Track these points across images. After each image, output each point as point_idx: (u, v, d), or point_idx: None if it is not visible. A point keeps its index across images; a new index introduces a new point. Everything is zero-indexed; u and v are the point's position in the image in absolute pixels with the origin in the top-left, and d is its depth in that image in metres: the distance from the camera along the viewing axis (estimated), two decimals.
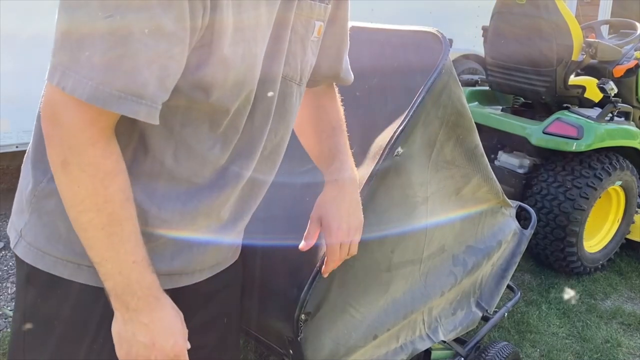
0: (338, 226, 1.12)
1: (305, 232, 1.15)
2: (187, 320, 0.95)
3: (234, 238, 1.08)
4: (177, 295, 0.96)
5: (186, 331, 0.93)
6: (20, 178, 0.97)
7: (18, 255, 0.95)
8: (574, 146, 2.89)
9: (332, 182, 1.14)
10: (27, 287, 0.96)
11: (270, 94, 0.95)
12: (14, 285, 2.64)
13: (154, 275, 0.87)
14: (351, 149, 1.34)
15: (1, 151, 3.22)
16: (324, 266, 1.16)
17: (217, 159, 0.93)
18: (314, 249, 1.21)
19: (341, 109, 1.20)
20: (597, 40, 3.17)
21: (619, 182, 3.08)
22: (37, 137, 0.92)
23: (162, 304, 0.89)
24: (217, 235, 1.01)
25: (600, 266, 3.24)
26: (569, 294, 3.00)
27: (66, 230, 0.88)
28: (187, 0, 0.75)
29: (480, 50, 4.11)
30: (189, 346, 0.93)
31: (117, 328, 0.89)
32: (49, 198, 0.90)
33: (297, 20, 0.95)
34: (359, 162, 1.30)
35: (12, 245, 0.96)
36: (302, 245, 1.13)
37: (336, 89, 1.21)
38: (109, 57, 0.73)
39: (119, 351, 0.90)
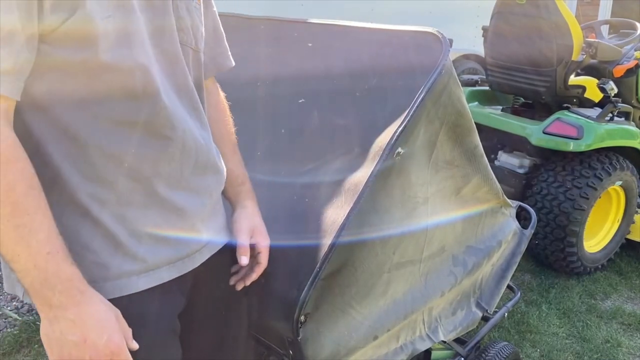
0: (263, 232, 1.22)
1: (242, 249, 1.15)
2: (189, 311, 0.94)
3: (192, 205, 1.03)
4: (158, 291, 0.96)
5: (126, 328, 0.88)
6: None
7: None
8: (574, 146, 2.89)
9: (250, 199, 1.23)
10: None
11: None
12: None
13: (73, 267, 0.82)
14: (351, 149, 1.34)
15: None
16: (256, 267, 1.19)
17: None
18: (314, 249, 1.21)
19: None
20: (597, 40, 3.17)
21: (619, 182, 3.08)
22: None
23: (88, 297, 0.83)
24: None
25: (600, 266, 3.24)
26: (569, 294, 3.00)
27: None
28: None
29: (480, 50, 4.11)
30: (135, 347, 0.88)
31: (45, 330, 0.83)
32: None
33: None
34: (359, 163, 1.29)
35: None
36: (243, 261, 1.15)
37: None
38: None
39: (50, 356, 0.84)
